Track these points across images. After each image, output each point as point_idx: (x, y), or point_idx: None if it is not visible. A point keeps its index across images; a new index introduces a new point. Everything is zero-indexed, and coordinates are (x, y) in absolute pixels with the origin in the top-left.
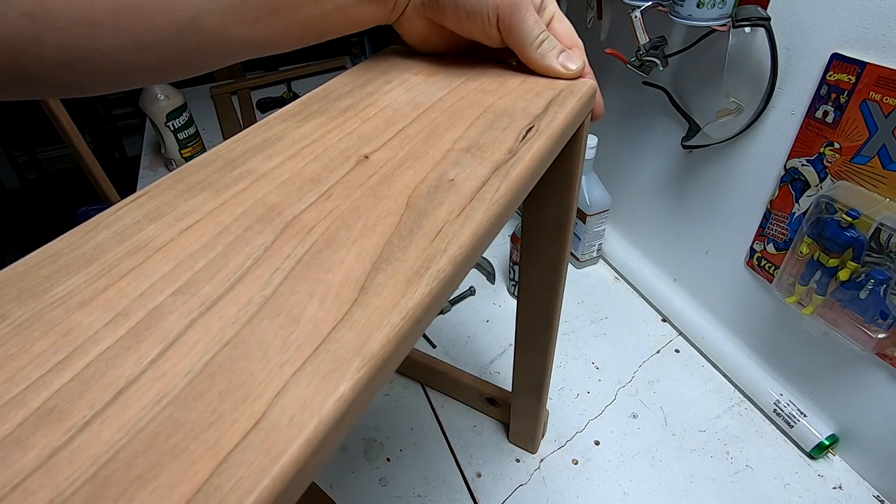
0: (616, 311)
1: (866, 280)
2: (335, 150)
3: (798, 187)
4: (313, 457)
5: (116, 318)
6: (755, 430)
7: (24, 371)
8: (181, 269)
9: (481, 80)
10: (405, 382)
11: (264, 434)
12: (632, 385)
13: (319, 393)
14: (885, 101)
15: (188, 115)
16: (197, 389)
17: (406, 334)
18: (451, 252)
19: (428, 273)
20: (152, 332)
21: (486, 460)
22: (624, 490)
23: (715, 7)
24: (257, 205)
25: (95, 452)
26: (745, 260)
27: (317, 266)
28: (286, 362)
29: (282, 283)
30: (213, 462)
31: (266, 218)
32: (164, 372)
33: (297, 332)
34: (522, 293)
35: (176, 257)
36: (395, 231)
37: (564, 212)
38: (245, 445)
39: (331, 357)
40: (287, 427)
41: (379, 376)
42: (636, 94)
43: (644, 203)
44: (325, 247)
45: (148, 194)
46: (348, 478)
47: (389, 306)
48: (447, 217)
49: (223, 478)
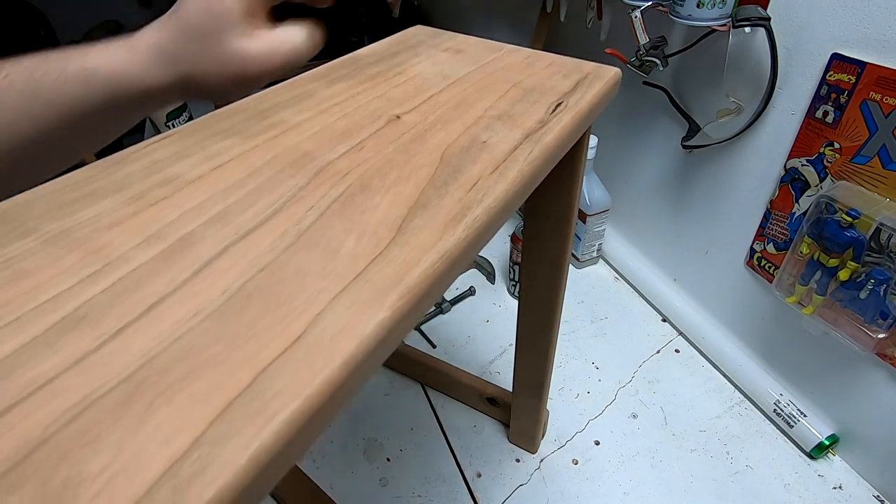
0: (616, 311)
1: (866, 280)
2: (366, 110)
3: (798, 187)
4: (353, 376)
5: (148, 240)
6: (755, 430)
7: (52, 281)
8: (213, 202)
9: (509, 61)
10: (405, 382)
11: (306, 349)
12: (632, 385)
13: (361, 317)
14: (885, 101)
15: (188, 115)
16: (234, 308)
17: (442, 274)
18: (487, 203)
19: (465, 219)
20: (185, 254)
21: (486, 460)
22: (624, 490)
23: (715, 7)
24: (289, 151)
25: (129, 358)
26: (745, 260)
27: (352, 208)
28: (324, 289)
29: (317, 219)
30: (253, 371)
31: (298, 163)
32: (199, 291)
33: (334, 264)
34: (523, 293)
35: (207, 191)
36: (430, 182)
37: (566, 211)
38: (286, 358)
39: (371, 286)
40: (329, 344)
41: (416, 310)
42: (636, 94)
43: (644, 203)
44: (359, 191)
45: (174, 136)
46: (348, 478)
47: (427, 246)
48: (481, 173)
49: (264, 385)
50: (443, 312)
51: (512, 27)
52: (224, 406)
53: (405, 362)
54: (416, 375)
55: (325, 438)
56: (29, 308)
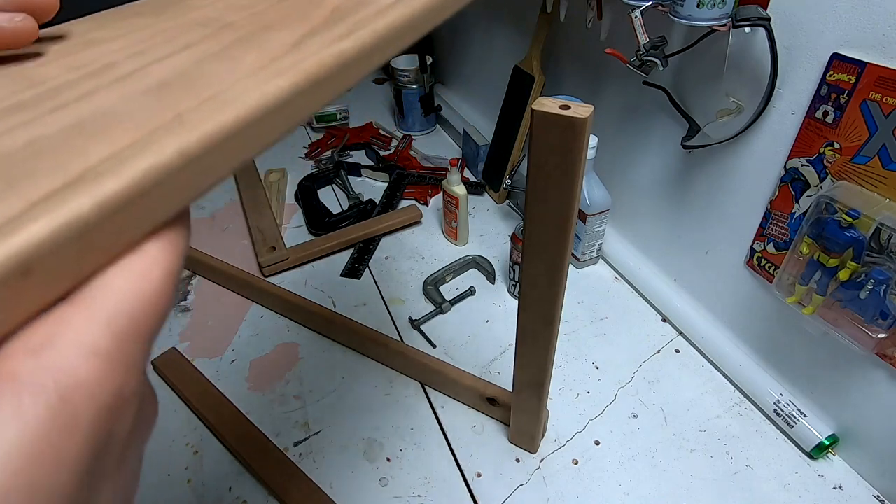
0: (616, 311)
1: (866, 280)
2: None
3: (798, 187)
4: (256, 125)
5: (70, 71)
6: (755, 430)
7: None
8: (133, 47)
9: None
10: (405, 382)
11: (220, 103)
12: (632, 385)
13: (264, 83)
14: (885, 101)
15: None
16: (159, 91)
17: (331, 68)
18: (374, 26)
19: (352, 35)
20: (110, 73)
21: (486, 460)
22: (624, 490)
23: (715, 7)
24: (196, 18)
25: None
26: (745, 260)
27: (254, 41)
28: (235, 78)
29: (223, 49)
30: (174, 112)
31: (205, 24)
32: (127, 86)
33: (241, 67)
34: (523, 293)
35: (126, 45)
36: (324, 22)
37: (566, 211)
38: (201, 107)
39: (272, 71)
40: (239, 97)
41: (315, 90)
42: (636, 94)
43: (644, 203)
44: (260, 31)
45: (86, 19)
46: (348, 478)
47: (319, 49)
48: (369, 13)
49: (185, 119)
50: (443, 312)
51: (512, 27)
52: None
53: (405, 362)
54: (416, 375)
55: (325, 438)
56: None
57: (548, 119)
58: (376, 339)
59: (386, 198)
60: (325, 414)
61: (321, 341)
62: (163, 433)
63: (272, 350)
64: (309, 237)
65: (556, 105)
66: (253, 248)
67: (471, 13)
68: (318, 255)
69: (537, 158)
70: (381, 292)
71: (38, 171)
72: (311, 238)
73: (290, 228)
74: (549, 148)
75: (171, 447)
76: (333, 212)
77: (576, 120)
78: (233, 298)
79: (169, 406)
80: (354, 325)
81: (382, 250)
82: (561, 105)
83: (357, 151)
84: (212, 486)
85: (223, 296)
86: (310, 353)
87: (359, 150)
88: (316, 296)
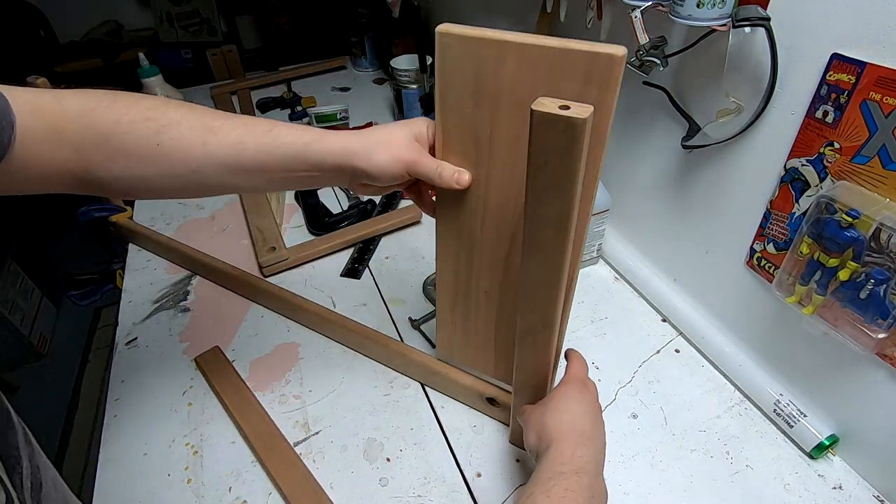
0: (616, 311)
1: (866, 280)
2: None
3: (798, 187)
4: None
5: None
6: (755, 430)
7: None
8: None
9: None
10: (405, 382)
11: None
12: (632, 385)
13: None
14: (885, 101)
15: None
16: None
17: None
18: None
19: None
20: None
21: (486, 460)
22: (624, 490)
23: (715, 7)
24: None
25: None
26: (745, 260)
27: None
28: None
29: None
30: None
31: None
32: None
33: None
34: (523, 292)
35: None
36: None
37: (566, 211)
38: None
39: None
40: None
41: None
42: (636, 94)
43: (644, 203)
44: None
45: None
46: (348, 478)
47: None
48: None
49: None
50: None
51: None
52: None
53: (405, 362)
54: (416, 375)
55: (325, 438)
56: None
57: (548, 119)
58: (376, 339)
59: (386, 198)
60: (325, 414)
61: (321, 341)
62: (163, 433)
63: (272, 350)
64: (309, 237)
65: (556, 105)
66: (253, 248)
67: (471, 13)
68: (318, 256)
69: (537, 158)
70: (381, 292)
71: None
72: (311, 238)
73: (290, 228)
74: (548, 148)
75: (171, 447)
76: (333, 212)
77: (576, 120)
78: (233, 298)
79: (169, 406)
80: (354, 326)
81: (382, 250)
82: (561, 105)
83: None
84: (212, 486)
85: (223, 296)
86: (310, 353)
87: None
88: (316, 296)
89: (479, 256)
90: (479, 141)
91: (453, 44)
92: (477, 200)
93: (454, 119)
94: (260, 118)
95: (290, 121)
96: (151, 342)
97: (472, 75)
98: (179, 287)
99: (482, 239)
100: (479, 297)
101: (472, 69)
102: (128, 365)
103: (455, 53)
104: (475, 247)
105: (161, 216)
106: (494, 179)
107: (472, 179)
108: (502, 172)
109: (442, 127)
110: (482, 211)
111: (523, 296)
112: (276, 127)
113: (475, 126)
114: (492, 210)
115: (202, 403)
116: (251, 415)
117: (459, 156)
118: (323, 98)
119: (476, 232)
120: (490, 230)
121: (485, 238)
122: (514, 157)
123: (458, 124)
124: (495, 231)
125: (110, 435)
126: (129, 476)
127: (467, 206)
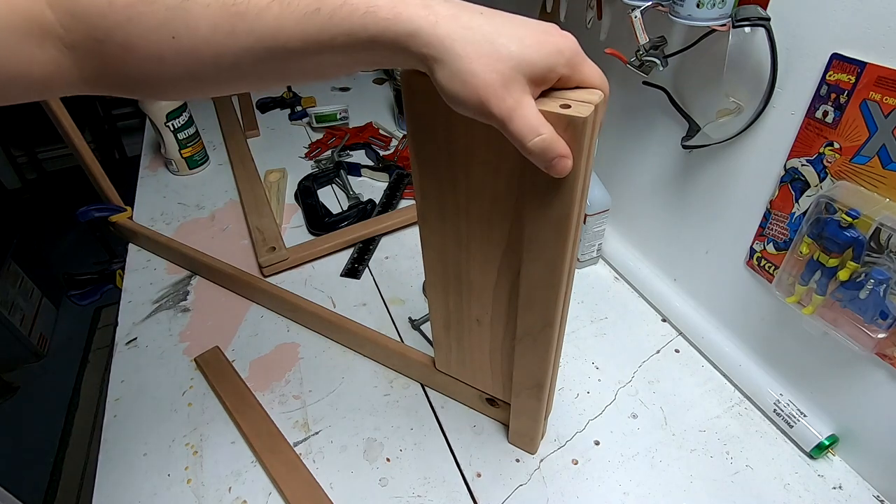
0: (616, 311)
1: (866, 280)
2: None
3: (798, 187)
4: None
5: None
6: (755, 430)
7: None
8: None
9: None
10: (405, 382)
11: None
12: (632, 385)
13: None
14: (885, 101)
15: (188, 114)
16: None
17: None
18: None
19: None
20: None
21: (486, 460)
22: (624, 490)
23: (715, 7)
24: None
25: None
26: (745, 260)
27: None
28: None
29: None
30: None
31: None
32: None
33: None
34: (523, 292)
35: None
36: None
37: (566, 211)
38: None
39: None
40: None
41: None
42: (636, 94)
43: (644, 203)
44: None
45: None
46: (348, 478)
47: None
48: None
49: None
50: None
51: None
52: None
53: (405, 362)
54: (416, 375)
55: (325, 438)
56: None
57: (549, 118)
58: (376, 340)
59: (386, 198)
60: (325, 414)
61: (321, 341)
62: (163, 433)
63: (272, 350)
64: (309, 237)
65: (556, 104)
66: (253, 248)
67: None
68: (317, 256)
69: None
70: (381, 292)
71: None
72: (310, 238)
73: (290, 228)
74: None
75: (170, 447)
76: (333, 212)
77: (576, 119)
78: (232, 298)
79: (169, 406)
80: (354, 326)
81: (382, 250)
82: (561, 104)
83: (357, 151)
84: (212, 486)
85: (223, 296)
86: (310, 353)
87: (359, 150)
88: (316, 296)
89: (468, 288)
90: (456, 167)
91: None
92: (458, 232)
93: (430, 149)
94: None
95: (290, 121)
96: (151, 342)
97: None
98: (179, 287)
99: (469, 270)
100: (472, 324)
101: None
102: (128, 365)
103: (421, 110)
104: (462, 278)
105: (161, 216)
106: (474, 208)
107: (452, 210)
108: (481, 206)
109: (416, 154)
110: (466, 241)
111: (523, 296)
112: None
113: (451, 154)
114: (476, 241)
115: (202, 403)
116: (251, 415)
117: (435, 181)
118: (323, 98)
119: (462, 264)
120: (476, 262)
121: (472, 270)
122: (495, 187)
123: (434, 153)
124: (481, 262)
125: (110, 435)
126: (129, 476)
127: (450, 238)
